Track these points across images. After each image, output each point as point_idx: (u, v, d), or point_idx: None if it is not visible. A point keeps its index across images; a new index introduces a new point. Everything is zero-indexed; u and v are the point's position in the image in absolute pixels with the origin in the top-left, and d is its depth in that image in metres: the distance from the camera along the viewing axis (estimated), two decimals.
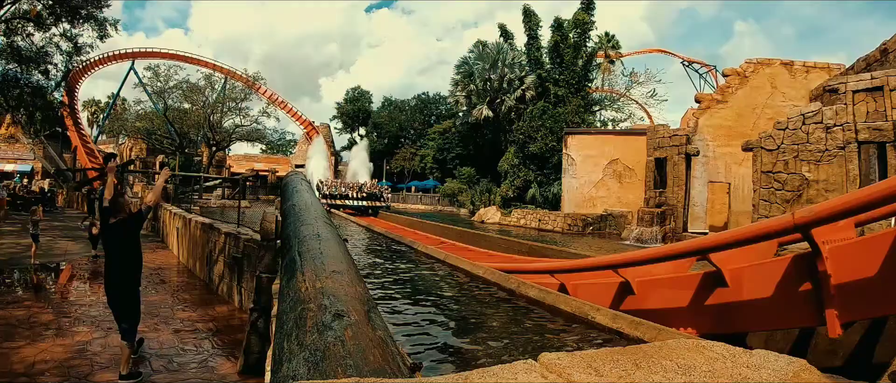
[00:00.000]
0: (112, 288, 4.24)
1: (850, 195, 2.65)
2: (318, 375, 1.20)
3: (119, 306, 4.21)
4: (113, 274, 4.23)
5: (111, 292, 4.25)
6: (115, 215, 4.23)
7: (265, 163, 44.85)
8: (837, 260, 2.80)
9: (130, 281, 4.28)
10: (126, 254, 4.25)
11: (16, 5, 15.06)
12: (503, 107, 29.09)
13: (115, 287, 4.21)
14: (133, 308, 4.27)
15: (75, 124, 35.41)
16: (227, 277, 7.47)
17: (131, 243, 4.31)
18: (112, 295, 4.25)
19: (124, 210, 4.26)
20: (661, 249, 4.38)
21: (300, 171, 5.48)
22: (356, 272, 2.12)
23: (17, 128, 30.42)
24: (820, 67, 16.33)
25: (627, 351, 1.37)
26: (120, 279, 4.21)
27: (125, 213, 4.25)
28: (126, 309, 4.20)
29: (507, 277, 4.67)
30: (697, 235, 11.20)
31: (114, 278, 4.23)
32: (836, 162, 9.88)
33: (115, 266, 4.23)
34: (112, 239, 4.28)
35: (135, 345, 4.36)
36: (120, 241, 4.25)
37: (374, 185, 25.65)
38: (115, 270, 4.23)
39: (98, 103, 50.18)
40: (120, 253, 4.24)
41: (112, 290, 4.24)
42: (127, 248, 4.26)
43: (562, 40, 27.82)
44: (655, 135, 17.11)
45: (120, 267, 4.22)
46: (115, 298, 4.22)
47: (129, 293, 4.24)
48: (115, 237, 4.26)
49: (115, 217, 4.23)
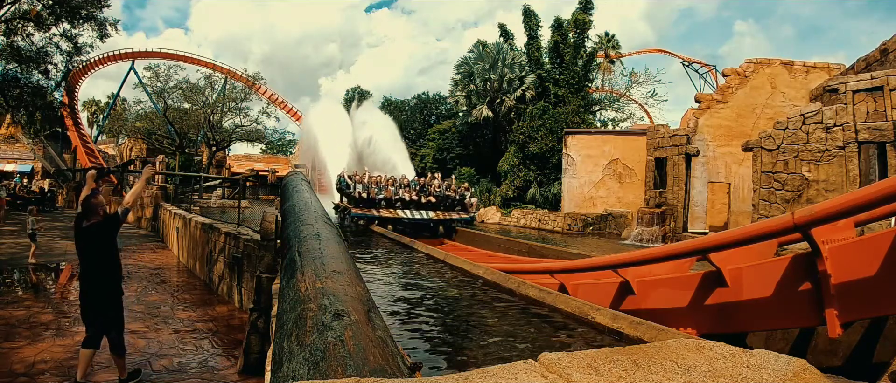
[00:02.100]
0: (89, 298, 3.85)
1: (850, 195, 2.65)
2: (318, 375, 1.20)
3: (101, 317, 3.86)
4: (90, 283, 3.85)
5: (88, 302, 3.85)
6: (89, 218, 3.87)
7: (265, 163, 44.84)
8: (837, 259, 2.80)
9: (111, 289, 3.93)
10: (103, 261, 3.89)
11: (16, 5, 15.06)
12: (503, 108, 29.08)
13: (93, 296, 3.84)
14: (117, 317, 3.97)
15: (75, 124, 35.38)
16: (227, 277, 7.47)
17: (107, 249, 3.93)
18: (89, 305, 3.85)
19: (98, 212, 3.89)
20: (661, 249, 4.38)
21: (300, 171, 5.48)
22: (356, 272, 2.12)
23: (17, 128, 30.40)
24: (820, 67, 16.34)
25: (627, 351, 1.37)
26: (98, 288, 3.85)
27: (99, 216, 3.88)
28: (110, 319, 3.89)
29: (507, 277, 4.67)
30: (697, 235, 11.20)
31: (91, 288, 3.85)
32: (836, 162, 9.88)
33: (92, 274, 3.86)
34: (87, 244, 3.88)
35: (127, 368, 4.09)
36: (95, 247, 3.87)
37: (451, 185, 14.26)
38: (92, 279, 3.85)
39: (98, 103, 50.17)
40: (96, 259, 3.87)
41: (89, 300, 3.85)
42: (103, 254, 3.89)
43: (562, 40, 27.85)
44: (655, 135, 17.10)
45: (97, 275, 3.86)
46: (94, 309, 3.85)
47: (111, 301, 3.92)
48: (90, 242, 3.87)
49: (89, 220, 3.86)
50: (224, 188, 27.78)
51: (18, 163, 30.98)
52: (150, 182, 24.40)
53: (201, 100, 32.44)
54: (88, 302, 3.85)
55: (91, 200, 3.91)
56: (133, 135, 35.38)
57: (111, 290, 3.93)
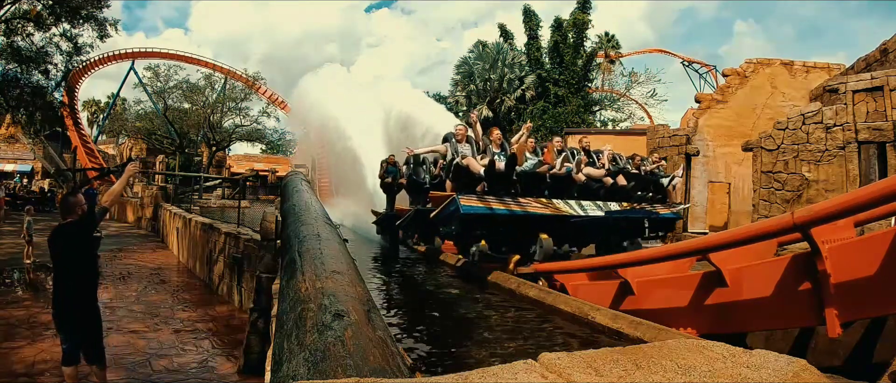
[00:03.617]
0: (63, 306, 3.45)
1: (850, 195, 2.66)
2: (318, 375, 1.20)
3: (78, 327, 3.48)
4: (64, 289, 3.44)
5: (61, 311, 3.46)
6: (64, 217, 3.57)
7: (265, 163, 44.81)
8: (837, 259, 2.80)
9: (86, 295, 3.54)
10: (78, 264, 3.49)
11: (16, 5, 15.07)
12: (503, 108, 29.08)
13: (67, 304, 3.44)
14: (95, 326, 3.59)
15: (75, 124, 35.35)
16: (227, 277, 7.47)
17: (82, 250, 3.55)
18: (63, 314, 3.46)
19: (76, 211, 3.55)
20: (661, 249, 4.38)
21: (300, 171, 5.47)
22: (356, 272, 2.12)
23: (17, 128, 30.38)
24: (820, 67, 16.34)
25: (627, 351, 1.37)
26: (73, 294, 3.46)
27: (75, 215, 3.54)
28: (87, 330, 3.51)
29: (507, 277, 4.67)
30: (697, 235, 11.19)
31: (65, 294, 3.44)
32: (836, 162, 9.88)
33: (66, 278, 3.45)
34: (62, 245, 3.50)
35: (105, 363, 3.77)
36: (70, 248, 3.50)
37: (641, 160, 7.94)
38: (66, 284, 3.45)
39: (98, 103, 50.13)
40: (71, 262, 3.49)
41: (63, 309, 3.45)
42: (78, 257, 3.51)
43: (561, 40, 27.87)
44: (655, 134, 17.11)
45: (72, 279, 3.46)
46: (69, 319, 3.46)
47: (87, 310, 3.52)
48: (65, 243, 3.50)
49: (64, 219, 3.57)
50: (224, 188, 27.78)
51: (18, 163, 31.00)
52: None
53: (201, 100, 32.46)
54: (62, 311, 3.46)
55: (69, 198, 3.64)
56: (133, 135, 35.40)
57: (87, 296, 3.55)
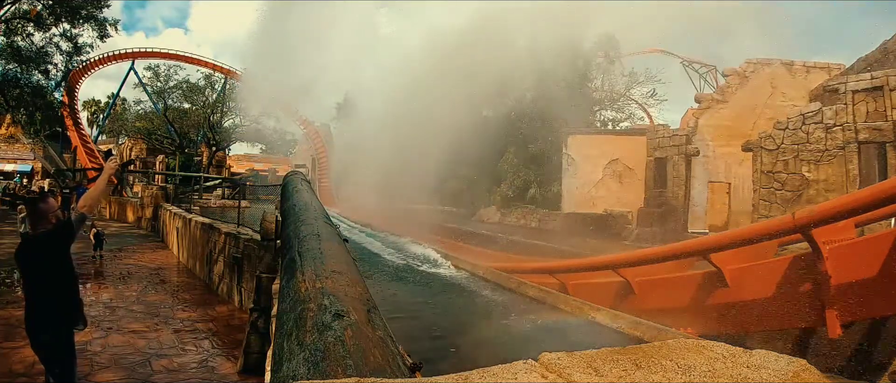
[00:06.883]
0: (37, 334, 2.88)
1: (850, 195, 2.66)
2: (318, 375, 1.20)
3: (54, 361, 2.93)
4: (38, 309, 2.89)
5: (33, 340, 2.90)
6: (34, 227, 2.98)
7: (265, 163, 44.84)
8: (837, 260, 2.80)
9: (63, 321, 2.93)
10: (52, 280, 2.89)
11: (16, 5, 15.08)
12: None
13: (43, 326, 2.87)
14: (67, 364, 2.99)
15: (75, 124, 35.33)
16: (227, 277, 7.47)
17: (57, 266, 2.94)
18: (34, 343, 2.91)
19: (49, 218, 2.98)
20: (661, 249, 4.38)
21: (300, 171, 5.47)
22: (356, 272, 2.12)
23: (17, 128, 30.42)
24: (820, 67, 16.33)
25: (627, 351, 1.37)
26: (46, 320, 2.87)
27: (50, 223, 2.96)
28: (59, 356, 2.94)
29: (507, 277, 4.68)
30: (697, 235, 11.20)
31: (39, 314, 2.89)
32: (836, 162, 9.88)
33: (41, 297, 2.89)
34: (32, 260, 2.93)
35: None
36: (42, 263, 2.89)
37: None
38: (38, 307, 2.90)
39: (98, 103, 50.11)
40: (44, 280, 2.89)
41: (37, 338, 2.88)
42: (53, 274, 2.90)
43: None
44: (655, 135, 17.11)
45: (45, 302, 2.88)
46: (43, 348, 2.90)
47: (63, 340, 2.94)
48: (36, 256, 2.91)
49: (35, 229, 2.97)
50: (224, 188, 27.79)
51: (18, 163, 30.99)
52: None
53: (201, 100, 32.49)
54: (33, 341, 2.90)
55: (39, 204, 3.03)
56: (133, 135, 35.42)
57: (63, 322, 2.94)
